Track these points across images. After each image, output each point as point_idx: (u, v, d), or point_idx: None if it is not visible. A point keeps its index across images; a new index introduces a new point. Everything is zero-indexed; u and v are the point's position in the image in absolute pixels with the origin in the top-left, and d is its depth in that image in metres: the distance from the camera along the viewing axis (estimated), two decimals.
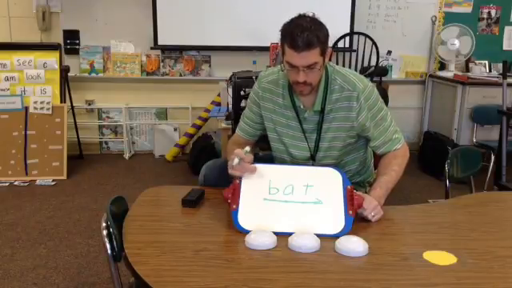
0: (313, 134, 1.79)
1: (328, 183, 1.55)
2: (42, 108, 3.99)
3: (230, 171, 1.60)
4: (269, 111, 1.83)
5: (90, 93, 4.62)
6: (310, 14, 1.64)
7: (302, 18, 1.63)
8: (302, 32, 1.56)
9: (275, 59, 3.53)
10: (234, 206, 1.49)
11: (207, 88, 4.54)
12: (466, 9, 4.77)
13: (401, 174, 1.74)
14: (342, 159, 1.85)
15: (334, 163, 1.81)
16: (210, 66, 4.64)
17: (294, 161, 1.85)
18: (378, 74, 4.38)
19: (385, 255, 1.32)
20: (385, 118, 1.77)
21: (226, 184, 1.57)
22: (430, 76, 4.81)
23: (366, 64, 4.38)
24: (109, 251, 1.31)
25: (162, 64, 4.60)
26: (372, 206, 1.53)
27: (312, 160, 1.82)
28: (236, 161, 1.56)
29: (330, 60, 1.75)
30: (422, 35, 4.80)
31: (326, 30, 1.63)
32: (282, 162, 1.87)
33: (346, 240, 1.35)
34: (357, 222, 1.47)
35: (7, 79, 4.01)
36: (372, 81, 4.21)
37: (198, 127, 4.50)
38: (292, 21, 1.63)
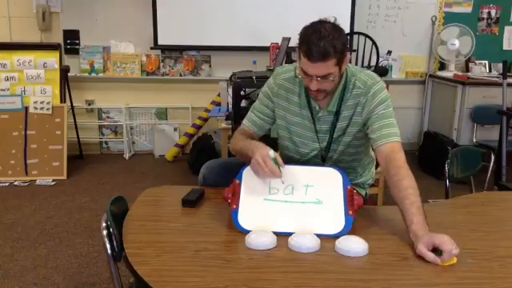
0: (326, 134, 1.76)
1: (328, 183, 1.55)
2: (41, 108, 3.99)
3: (256, 169, 1.53)
4: (282, 109, 1.79)
5: (89, 93, 4.62)
6: (332, 20, 1.58)
7: (322, 23, 1.56)
8: (319, 40, 1.51)
9: (275, 59, 3.53)
10: (234, 206, 1.49)
11: (207, 88, 4.54)
12: (466, 9, 4.77)
13: (415, 182, 1.60)
14: (350, 160, 1.83)
15: (343, 164, 1.79)
16: (210, 66, 4.64)
17: (303, 160, 1.82)
18: (378, 74, 4.36)
19: (385, 255, 1.32)
20: (388, 116, 1.67)
21: (226, 184, 1.57)
22: (430, 76, 4.81)
23: (366, 64, 4.37)
24: (109, 251, 1.31)
25: (162, 64, 4.60)
26: (448, 242, 1.29)
27: (322, 161, 1.80)
28: (272, 154, 1.54)
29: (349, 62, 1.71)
30: (422, 35, 4.80)
31: (345, 39, 1.57)
32: (290, 160, 1.82)
33: (345, 240, 1.35)
34: (357, 222, 1.47)
35: (7, 79, 4.01)
36: None
37: (198, 127, 4.50)
38: (311, 25, 1.57)
